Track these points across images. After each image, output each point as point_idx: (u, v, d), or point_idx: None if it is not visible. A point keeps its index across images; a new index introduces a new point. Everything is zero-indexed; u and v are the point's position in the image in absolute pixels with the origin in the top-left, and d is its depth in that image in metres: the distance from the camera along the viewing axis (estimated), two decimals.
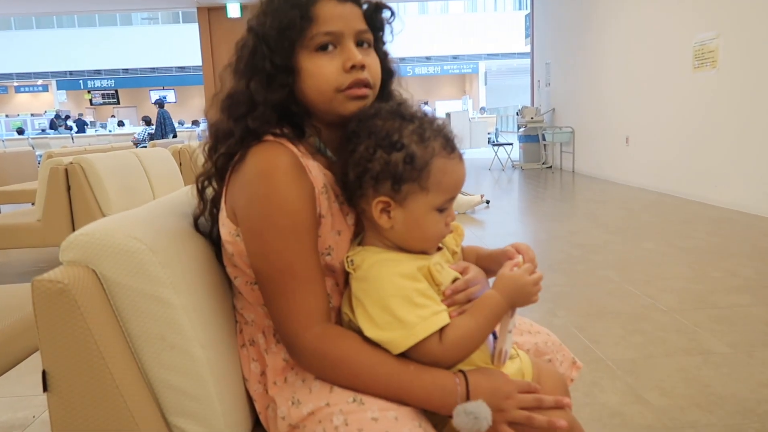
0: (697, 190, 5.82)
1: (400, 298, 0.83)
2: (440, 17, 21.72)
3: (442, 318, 0.84)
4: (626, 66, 7.31)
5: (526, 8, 12.87)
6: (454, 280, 0.90)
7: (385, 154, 0.84)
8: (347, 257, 0.90)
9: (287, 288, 0.83)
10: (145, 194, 3.88)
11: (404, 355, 0.83)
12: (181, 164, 4.87)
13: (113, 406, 0.74)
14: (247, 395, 0.95)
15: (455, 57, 22.79)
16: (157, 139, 11.56)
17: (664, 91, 6.43)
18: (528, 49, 11.75)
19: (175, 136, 12.28)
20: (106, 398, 0.74)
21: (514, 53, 20.41)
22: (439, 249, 0.95)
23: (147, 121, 13.40)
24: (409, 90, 1.01)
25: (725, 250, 3.89)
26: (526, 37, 11.94)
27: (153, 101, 13.34)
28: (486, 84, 24.65)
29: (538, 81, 11.00)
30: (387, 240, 0.90)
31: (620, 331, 2.53)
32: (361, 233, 0.94)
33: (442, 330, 0.83)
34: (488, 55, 22.38)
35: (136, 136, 12.91)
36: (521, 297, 0.88)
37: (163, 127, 12.17)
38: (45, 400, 0.75)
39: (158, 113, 12.47)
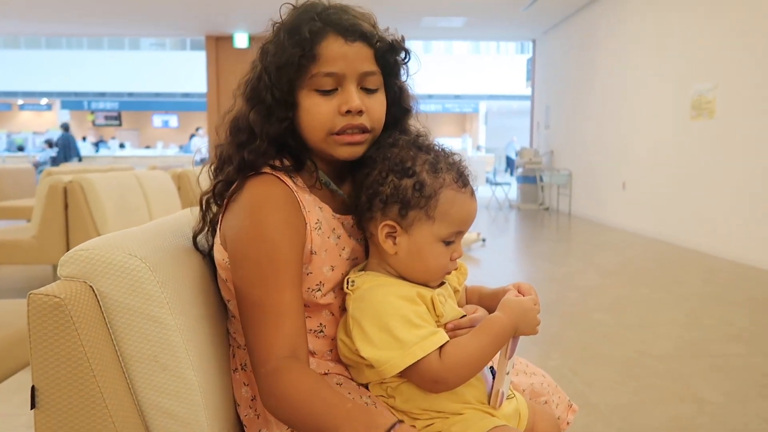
0: (692, 238, 5.84)
1: (398, 317, 0.82)
2: (444, 57, 22.07)
3: (441, 337, 0.83)
4: (625, 113, 7.42)
5: (528, 52, 13.13)
6: (461, 318, 0.90)
7: (395, 179, 0.86)
8: (348, 278, 0.89)
9: (254, 320, 0.82)
10: (143, 216, 3.87)
11: (404, 375, 0.83)
12: (180, 188, 4.87)
13: (101, 427, 0.73)
14: (238, 420, 0.93)
15: (457, 96, 23.08)
16: (60, 162, 11.50)
17: (662, 138, 6.51)
18: (528, 91, 11.93)
19: (80, 160, 12.18)
20: (95, 418, 0.72)
21: (515, 95, 20.68)
22: (442, 284, 0.94)
23: (50, 144, 13.29)
24: (426, 127, 1.00)
25: (720, 298, 3.88)
26: (527, 80, 12.14)
27: (60, 124, 13.16)
28: (486, 124, 24.96)
29: (538, 123, 11.14)
30: (390, 267, 0.90)
31: (614, 376, 2.51)
32: (364, 261, 0.94)
33: (442, 348, 0.82)
34: (489, 95, 22.69)
35: (37, 158, 12.78)
36: (525, 322, 0.88)
37: (66, 150, 12.10)
38: (30, 421, 0.73)
39: (61, 136, 12.36)
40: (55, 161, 11.74)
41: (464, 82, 22.02)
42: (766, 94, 4.87)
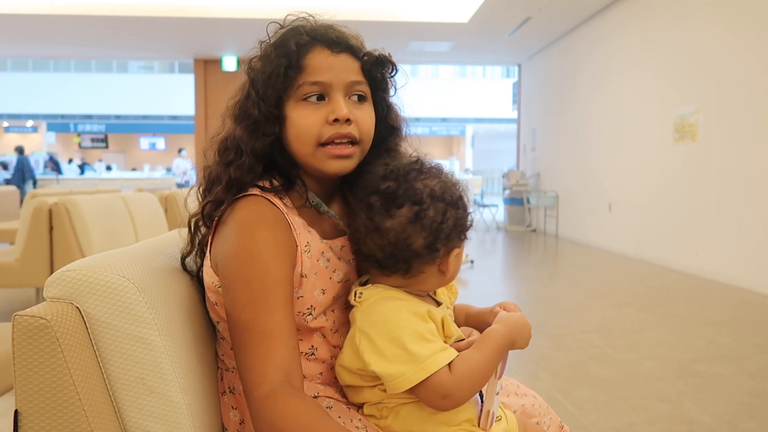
0: (677, 259, 5.89)
1: (411, 331, 0.82)
2: (430, 80, 22.32)
3: (451, 352, 0.83)
4: (610, 136, 7.53)
5: (514, 76, 13.32)
6: (460, 341, 0.91)
7: (454, 211, 0.87)
8: (355, 290, 0.89)
9: (246, 343, 0.80)
10: (129, 238, 3.84)
11: (413, 391, 0.82)
12: (167, 210, 4.84)
13: None
14: None
15: (444, 119, 23.28)
16: (14, 185, 11.61)
17: (646, 161, 6.61)
18: (515, 114, 12.08)
19: (35, 183, 12.23)
20: None
21: (501, 118, 20.91)
22: (439, 304, 0.95)
23: (5, 166, 13.39)
24: (412, 145, 1.01)
25: (705, 318, 3.90)
26: (514, 103, 12.30)
27: (14, 147, 13.30)
28: (473, 146, 25.16)
29: (524, 146, 11.26)
30: (411, 287, 0.90)
31: (603, 398, 2.50)
32: (363, 276, 0.94)
33: (451, 363, 0.83)
34: (476, 119, 22.92)
35: None
36: (521, 336, 0.90)
37: (22, 174, 12.15)
38: None
39: (17, 159, 12.48)
40: (9, 184, 11.72)
41: (451, 106, 22.23)
42: (746, 117, 4.97)
